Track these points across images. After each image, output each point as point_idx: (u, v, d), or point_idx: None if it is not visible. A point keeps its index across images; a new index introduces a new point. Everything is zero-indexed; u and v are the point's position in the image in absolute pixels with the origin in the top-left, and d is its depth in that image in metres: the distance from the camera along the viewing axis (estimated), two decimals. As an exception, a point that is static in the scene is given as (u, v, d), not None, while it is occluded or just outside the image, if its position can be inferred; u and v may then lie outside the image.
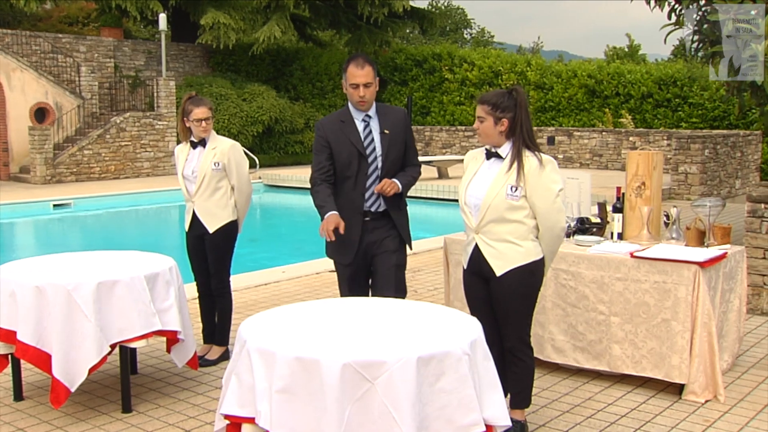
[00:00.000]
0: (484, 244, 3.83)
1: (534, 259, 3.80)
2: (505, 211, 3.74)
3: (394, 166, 4.30)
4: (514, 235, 3.77)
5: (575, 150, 21.17)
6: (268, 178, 19.54)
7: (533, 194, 3.72)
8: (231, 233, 5.33)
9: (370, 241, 4.30)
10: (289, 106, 24.00)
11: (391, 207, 4.32)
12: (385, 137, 4.26)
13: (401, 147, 4.33)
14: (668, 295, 4.53)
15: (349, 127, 4.24)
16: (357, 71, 4.15)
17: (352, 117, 4.27)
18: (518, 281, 3.78)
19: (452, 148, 23.12)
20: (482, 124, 3.78)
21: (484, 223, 3.80)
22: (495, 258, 3.80)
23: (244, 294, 7.29)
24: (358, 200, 4.24)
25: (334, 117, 4.33)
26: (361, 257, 4.32)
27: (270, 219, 16.19)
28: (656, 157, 5.10)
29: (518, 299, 3.81)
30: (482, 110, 3.77)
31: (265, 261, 10.12)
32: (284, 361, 2.75)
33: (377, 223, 4.30)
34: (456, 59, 25.46)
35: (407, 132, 4.39)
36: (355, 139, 4.22)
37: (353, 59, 4.18)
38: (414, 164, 4.43)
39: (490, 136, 3.79)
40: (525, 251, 3.78)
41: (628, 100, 22.01)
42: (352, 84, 4.16)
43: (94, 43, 22.80)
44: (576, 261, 4.81)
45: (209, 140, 5.29)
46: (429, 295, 7.28)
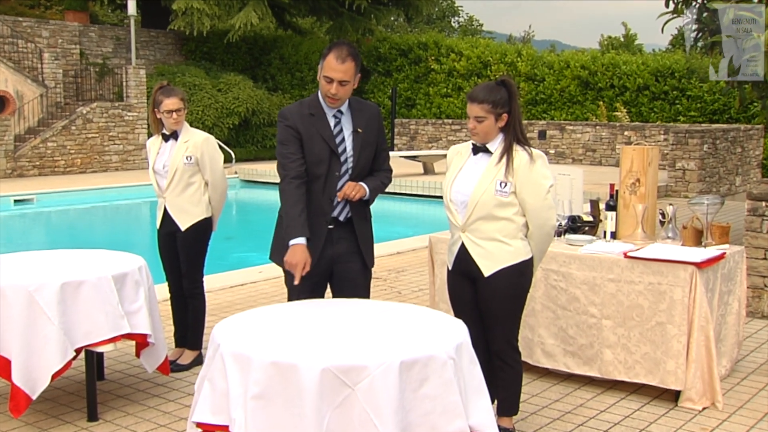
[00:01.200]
0: (471, 243, 3.83)
1: (523, 259, 3.81)
2: (493, 208, 3.75)
3: (364, 170, 4.04)
4: (503, 234, 3.78)
5: (567, 145, 21.26)
6: (244, 173, 19.50)
7: (523, 190, 3.73)
8: (204, 231, 5.32)
9: (333, 254, 4.02)
10: (266, 97, 23.96)
11: (356, 216, 4.03)
12: (357, 136, 3.99)
13: (373, 149, 4.06)
14: (663, 297, 4.56)
15: (320, 121, 3.97)
16: (335, 64, 3.81)
17: (322, 110, 3.98)
18: (507, 282, 3.79)
19: (438, 142, 23.15)
20: (481, 123, 3.76)
21: (471, 220, 3.80)
22: (483, 258, 3.81)
23: (218, 295, 7.27)
24: (325, 205, 3.97)
25: (302, 108, 4.02)
26: (321, 270, 4.02)
27: (246, 216, 16.16)
28: (651, 152, 5.13)
29: (506, 301, 3.83)
30: (481, 110, 3.75)
31: (241, 260, 10.10)
32: (260, 365, 2.75)
33: (342, 233, 4.02)
34: (443, 49, 25.49)
35: (380, 132, 4.13)
36: (327, 134, 3.94)
37: (336, 47, 3.85)
38: (385, 169, 4.15)
39: (490, 134, 3.80)
40: (514, 250, 3.79)
41: (624, 93, 22.13)
42: (327, 77, 3.83)
43: (57, 28, 22.62)
44: (567, 261, 4.84)
45: (181, 133, 5.28)
46: (413, 297, 7.29)
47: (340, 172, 3.97)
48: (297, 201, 3.86)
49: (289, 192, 3.90)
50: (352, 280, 4.08)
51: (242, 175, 19.50)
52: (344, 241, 4.04)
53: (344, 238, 4.04)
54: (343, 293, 4.06)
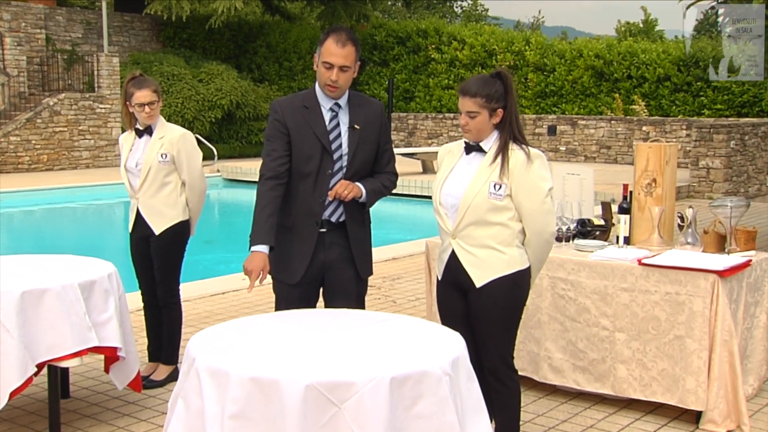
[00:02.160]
0: (462, 251, 3.82)
1: (519, 269, 3.80)
2: (486, 212, 3.74)
3: (361, 170, 4.07)
4: (497, 241, 3.77)
5: (580, 141, 21.29)
6: (227, 171, 19.50)
7: (519, 193, 3.72)
8: (181, 235, 5.32)
9: (325, 261, 4.04)
10: (252, 88, 23.96)
11: (350, 219, 4.03)
12: (354, 133, 4.03)
13: (372, 148, 4.10)
14: (682, 309, 4.56)
15: (313, 115, 4.02)
16: (335, 48, 3.89)
17: (318, 103, 4.04)
18: (501, 293, 3.78)
19: (439, 138, 23.19)
20: (474, 119, 3.76)
21: (462, 226, 3.79)
22: (474, 266, 3.80)
23: (197, 304, 7.27)
24: (316, 206, 3.99)
25: (295, 100, 4.10)
26: (312, 278, 4.06)
27: (229, 218, 16.17)
28: (669, 149, 5.14)
29: (500, 313, 3.81)
30: (474, 104, 3.74)
31: (222, 266, 10.09)
32: (238, 381, 2.75)
33: (335, 237, 4.03)
34: (444, 36, 25.52)
35: (383, 131, 4.16)
36: (320, 130, 3.99)
37: (334, 32, 3.93)
38: (388, 172, 4.19)
39: (484, 131, 3.79)
40: (509, 259, 3.78)
41: (642, 84, 22.17)
42: (326, 62, 3.90)
43: (20, 11, 22.51)
44: (576, 268, 4.84)
45: (156, 128, 5.28)
46: (409, 306, 7.30)
47: (332, 170, 3.99)
48: (267, 204, 3.92)
49: (260, 193, 3.97)
50: (344, 289, 4.09)
51: (225, 173, 19.50)
52: (337, 247, 4.05)
53: (337, 244, 4.05)
54: (335, 303, 4.06)
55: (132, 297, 5.61)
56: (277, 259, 4.11)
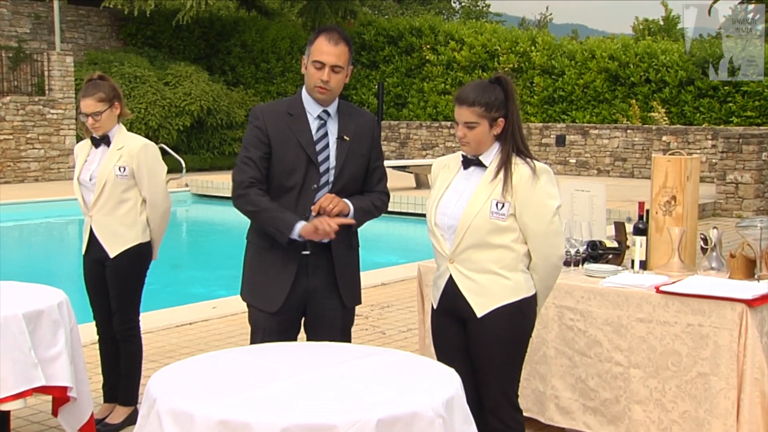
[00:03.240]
0: (460, 277, 3.83)
1: (525, 296, 3.81)
2: (488, 233, 3.75)
3: (349, 186, 4.09)
4: (500, 265, 3.78)
5: (592, 153, 21.35)
6: (197, 186, 19.48)
7: (524, 212, 3.74)
8: (140, 259, 5.30)
9: (308, 287, 4.07)
10: (225, 93, 23.99)
11: (336, 241, 4.01)
12: (343, 145, 4.06)
13: (362, 163, 4.13)
14: (706, 343, 4.55)
15: (298, 123, 4.05)
16: (328, 46, 3.98)
17: (304, 110, 4.09)
18: (505, 324, 3.78)
19: (434, 149, 23.23)
20: (473, 130, 3.78)
21: (460, 249, 3.80)
22: (475, 294, 3.80)
23: (160, 337, 7.25)
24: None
25: (279, 106, 4.15)
26: (293, 306, 4.07)
27: (199, 238, 16.13)
28: (690, 163, 5.15)
29: (504, 346, 3.82)
30: (472, 113, 3.77)
31: (190, 294, 10.08)
32: (205, 425, 2.74)
33: (320, 261, 4.06)
34: (440, 35, 25.61)
35: (374, 146, 4.19)
36: (305, 139, 4.02)
37: (326, 31, 4.04)
38: (379, 191, 4.23)
39: (483, 143, 3.81)
40: (513, 285, 3.79)
41: (662, 89, 22.24)
42: (317, 62, 3.98)
43: (-45, 1, 22.56)
44: (586, 296, 4.84)
45: (115, 137, 5.27)
46: (400, 338, 7.29)
47: (318, 184, 4.02)
48: (269, 200, 3.99)
49: (253, 201, 4.01)
50: (327, 319, 4.09)
51: (194, 188, 19.48)
52: (321, 272, 4.06)
53: (322, 268, 4.06)
54: (317, 335, 4.07)
55: (85, 329, 5.59)
56: (254, 284, 4.13)
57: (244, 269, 4.25)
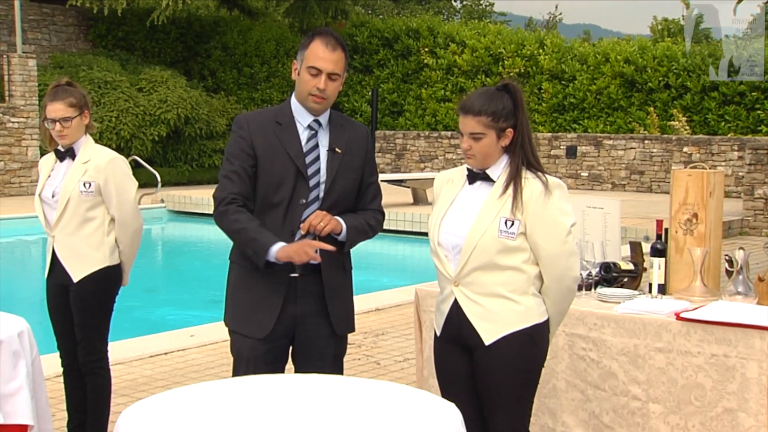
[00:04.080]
0: (466, 301, 3.83)
1: (536, 322, 3.83)
2: (496, 254, 3.76)
3: (341, 202, 4.10)
4: (509, 288, 3.79)
5: (606, 165, 21.38)
6: (173, 202, 19.47)
7: (536, 231, 3.75)
8: (108, 284, 5.28)
9: (297, 313, 4.09)
10: (204, 100, 24.01)
11: (327, 262, 4.03)
12: (335, 157, 4.08)
13: (355, 178, 4.15)
14: (733, 375, 4.53)
15: (287, 133, 4.08)
16: (324, 52, 4.01)
17: (293, 119, 4.12)
18: (515, 352, 3.79)
19: (433, 162, 23.24)
20: (479, 142, 3.80)
21: (466, 271, 3.81)
22: (482, 320, 3.81)
23: (132, 368, 7.22)
24: (284, 240, 3.98)
25: (266, 114, 4.18)
26: (281, 333, 4.09)
27: (175, 259, 16.10)
28: (713, 177, 5.15)
29: (514, 377, 3.82)
30: (478, 124, 3.78)
31: (165, 320, 10.07)
32: (178, 469, 2.72)
33: (310, 284, 4.08)
34: (440, 37, 25.67)
35: (368, 160, 4.21)
36: (294, 151, 4.04)
37: (321, 34, 4.07)
38: (373, 209, 4.25)
39: (491, 156, 3.84)
40: (524, 311, 3.80)
41: (683, 95, 22.29)
42: (312, 68, 4.01)
43: None
44: (599, 324, 4.83)
45: (80, 150, 5.25)
46: (396, 369, 7.27)
47: (306, 199, 4.03)
48: (250, 218, 3.99)
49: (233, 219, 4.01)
50: (317, 348, 4.10)
51: (171, 204, 19.47)
52: (311, 297, 4.07)
53: (311, 293, 4.07)
54: (306, 366, 4.06)
55: (49, 360, 5.56)
56: (239, 308, 4.13)
57: (228, 293, 4.25)
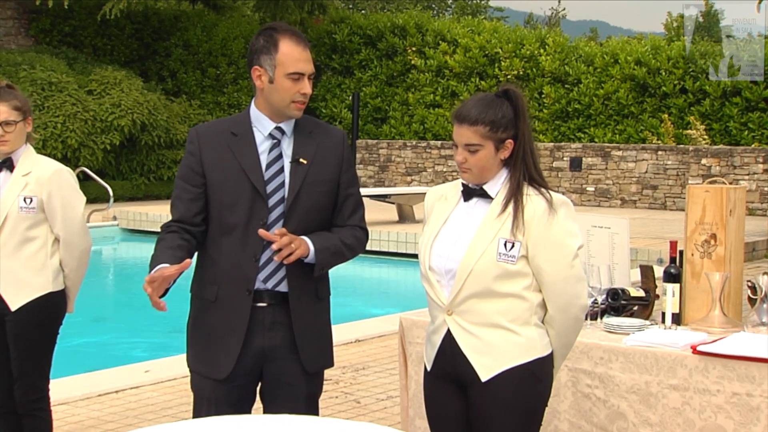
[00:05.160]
0: (461, 332, 3.83)
1: (539, 356, 3.83)
2: (494, 279, 3.76)
3: (309, 222, 4.05)
4: (509, 318, 3.79)
5: (614, 179, 21.41)
6: (127, 219, 19.40)
7: (539, 254, 3.76)
8: (50, 313, 5.25)
9: (264, 347, 4.06)
10: (164, 104, 23.94)
11: (295, 289, 4.03)
12: (299, 170, 4.04)
13: (327, 191, 4.09)
14: (757, 416, 4.52)
15: (242, 144, 4.05)
16: (301, 52, 4.00)
17: (251, 128, 4.09)
18: (515, 390, 3.79)
19: (422, 175, 23.23)
20: (475, 154, 3.81)
21: (461, 298, 3.81)
22: (478, 353, 3.81)
23: (78, 409, 7.18)
24: (247, 268, 4.01)
25: (221, 125, 4.17)
26: (245, 371, 4.07)
27: (130, 284, 16.00)
28: (734, 194, 5.15)
29: (514, 417, 3.82)
30: (475, 134, 3.79)
31: (117, 353, 10.08)
32: None
33: (279, 314, 4.05)
34: (429, 35, 25.70)
35: (345, 170, 4.16)
36: (249, 164, 4.02)
37: (283, 32, 4.02)
38: (352, 225, 4.21)
39: (488, 170, 3.85)
40: (526, 343, 3.80)
41: (701, 101, 22.32)
42: (293, 73, 3.99)
43: None
44: (606, 358, 4.82)
45: (20, 160, 5.24)
46: (378, 409, 7.26)
47: (266, 220, 4.00)
48: (170, 244, 4.01)
49: (157, 243, 4.04)
50: (288, 386, 4.08)
51: (124, 221, 19.40)
52: (281, 329, 4.05)
53: (281, 324, 4.05)
54: (277, 405, 4.05)
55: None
56: (198, 345, 4.12)
57: (188, 328, 4.23)
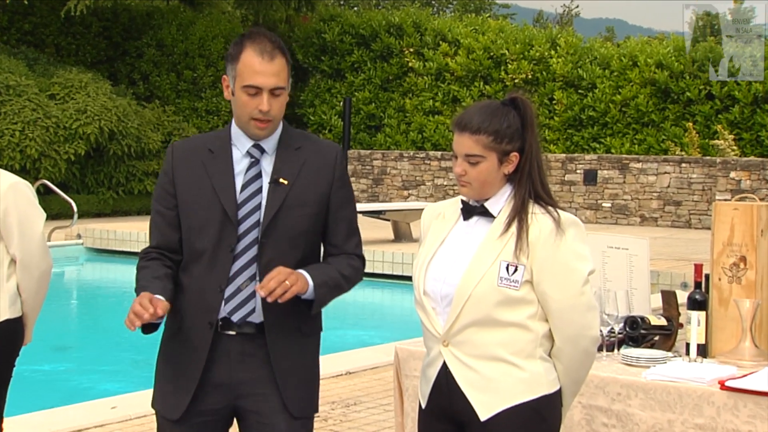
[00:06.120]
0: (458, 365, 3.82)
1: (545, 393, 3.80)
2: (495, 307, 3.75)
3: (286, 250, 3.98)
4: (511, 350, 3.77)
5: (633, 194, 21.42)
6: (93, 238, 19.40)
7: (545, 279, 3.75)
8: (6, 342, 5.23)
9: (232, 382, 4.00)
10: (134, 110, 23.97)
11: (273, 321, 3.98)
12: (278, 191, 3.98)
13: (311, 213, 4.02)
14: (791, 458, 4.54)
15: (218, 162, 4.03)
16: (261, 63, 3.92)
17: (229, 144, 4.06)
18: (518, 431, 3.77)
19: (420, 188, 23.24)
20: (476, 167, 3.80)
21: (458, 327, 3.79)
22: (477, 389, 3.79)
23: (37, 448, 7.18)
24: (211, 298, 3.97)
25: (200, 141, 4.17)
26: (208, 410, 4.02)
27: (94, 310, 16.02)
28: (767, 212, 5.15)
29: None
30: (476, 144, 3.78)
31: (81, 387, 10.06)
32: None
33: (250, 345, 3.98)
34: (428, 35, 25.76)
35: (336, 189, 4.08)
36: (222, 185, 3.99)
37: (253, 40, 3.97)
38: (348, 252, 4.14)
39: (490, 184, 3.84)
40: (530, 378, 3.78)
41: (729, 108, 22.36)
42: (249, 87, 3.92)
43: None
44: (624, 393, 4.81)
45: (-30, 173, 5.24)
46: (371, 450, 7.26)
47: (234, 246, 3.97)
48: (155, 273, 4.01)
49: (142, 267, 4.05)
50: (266, 426, 4.04)
51: (90, 240, 19.39)
52: (254, 360, 4.01)
53: (254, 356, 4.01)
54: None
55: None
56: (159, 381, 4.11)
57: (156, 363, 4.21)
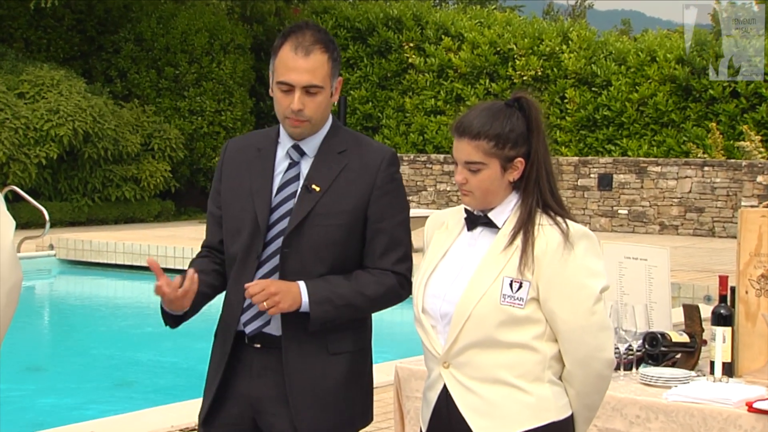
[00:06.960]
0: (458, 388, 3.81)
1: (554, 420, 3.79)
2: (498, 326, 3.74)
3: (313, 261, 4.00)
4: (516, 373, 3.76)
5: (651, 200, 21.41)
6: (67, 248, 19.34)
7: (552, 297, 3.73)
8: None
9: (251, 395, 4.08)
10: (111, 110, 23.92)
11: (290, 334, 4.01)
12: (308, 198, 4.00)
13: (342, 224, 4.01)
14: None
15: (261, 163, 4.10)
16: (294, 59, 3.94)
17: (275, 143, 4.12)
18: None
19: (421, 194, 23.22)
20: (477, 175, 3.80)
21: (459, 348, 3.78)
22: (479, 415, 3.78)
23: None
24: (235, 306, 4.07)
25: (252, 138, 4.30)
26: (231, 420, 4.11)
27: (68, 327, 15.98)
28: (796, 219, 5.17)
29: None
30: (477, 150, 3.78)
31: (55, 410, 10.07)
32: None
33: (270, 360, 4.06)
34: (430, 29, 25.75)
35: (374, 198, 4.06)
36: (259, 186, 4.05)
37: (293, 32, 4.00)
38: (383, 268, 4.10)
39: (493, 193, 3.83)
40: (536, 404, 3.77)
41: (756, 106, 22.35)
42: (281, 83, 3.97)
43: None
44: (643, 416, 4.81)
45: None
46: (370, 477, 7.25)
47: (260, 254, 4.02)
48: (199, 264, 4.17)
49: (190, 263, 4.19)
50: None
51: (63, 251, 19.33)
52: (272, 375, 4.06)
53: (272, 370, 4.06)
54: None
55: None
56: None
57: None
